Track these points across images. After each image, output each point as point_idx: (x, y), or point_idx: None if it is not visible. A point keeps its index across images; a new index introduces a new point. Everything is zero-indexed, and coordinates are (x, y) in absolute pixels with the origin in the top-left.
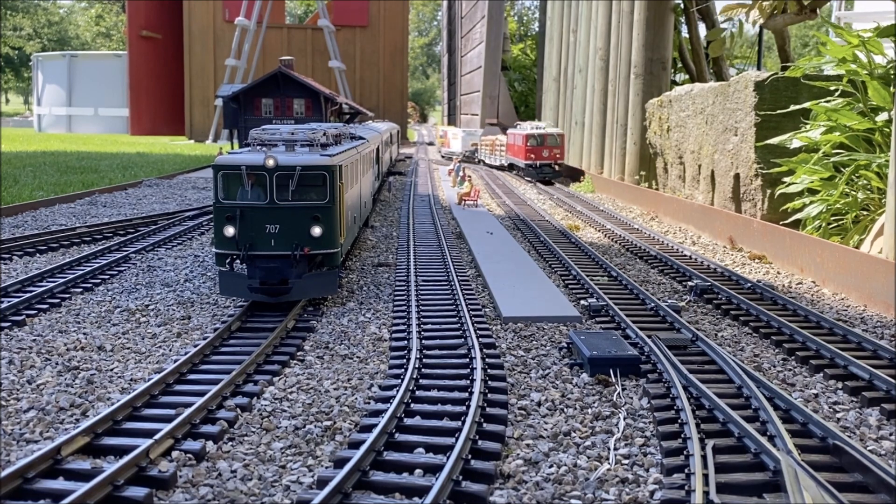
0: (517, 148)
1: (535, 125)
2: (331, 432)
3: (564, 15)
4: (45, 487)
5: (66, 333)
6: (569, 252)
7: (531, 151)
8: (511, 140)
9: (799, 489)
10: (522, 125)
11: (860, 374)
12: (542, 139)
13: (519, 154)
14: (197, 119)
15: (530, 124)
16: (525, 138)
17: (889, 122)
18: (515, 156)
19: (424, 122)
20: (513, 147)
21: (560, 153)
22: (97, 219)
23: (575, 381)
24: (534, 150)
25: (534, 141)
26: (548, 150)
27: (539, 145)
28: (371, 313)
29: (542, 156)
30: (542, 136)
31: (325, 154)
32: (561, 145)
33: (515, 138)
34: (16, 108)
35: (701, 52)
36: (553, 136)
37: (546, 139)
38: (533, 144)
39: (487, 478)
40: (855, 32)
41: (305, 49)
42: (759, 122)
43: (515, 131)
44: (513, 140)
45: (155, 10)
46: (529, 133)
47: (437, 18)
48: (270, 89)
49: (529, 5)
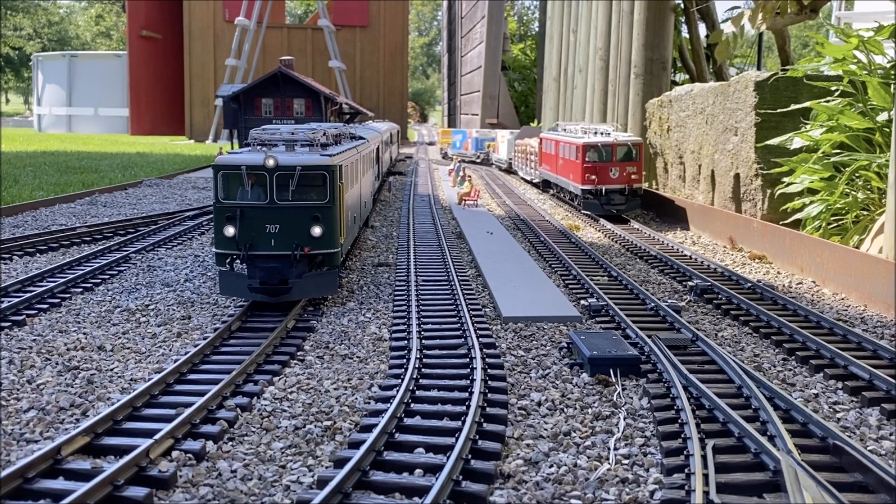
0: (566, 163)
1: (594, 128)
2: (331, 432)
3: (564, 15)
4: (45, 487)
5: (66, 333)
6: (569, 252)
7: (592, 170)
8: (548, 148)
9: (799, 489)
10: (569, 127)
11: (860, 374)
12: (609, 152)
13: (569, 172)
14: (197, 119)
15: (584, 126)
16: (581, 150)
17: (889, 121)
18: (561, 174)
19: (424, 122)
20: (552, 159)
21: (637, 172)
22: (97, 219)
23: (575, 381)
24: (596, 169)
25: (596, 154)
26: (618, 169)
27: (604, 161)
28: (371, 313)
29: (608, 177)
30: (609, 146)
31: (325, 154)
32: (639, 161)
33: (562, 148)
34: (16, 108)
35: (701, 52)
36: (627, 148)
37: (616, 151)
38: (595, 159)
39: (487, 478)
40: (854, 32)
41: (305, 49)
42: (759, 122)
43: (558, 136)
44: (552, 149)
45: (155, 10)
46: (589, 142)
47: (437, 18)
48: (270, 89)
49: (529, 5)
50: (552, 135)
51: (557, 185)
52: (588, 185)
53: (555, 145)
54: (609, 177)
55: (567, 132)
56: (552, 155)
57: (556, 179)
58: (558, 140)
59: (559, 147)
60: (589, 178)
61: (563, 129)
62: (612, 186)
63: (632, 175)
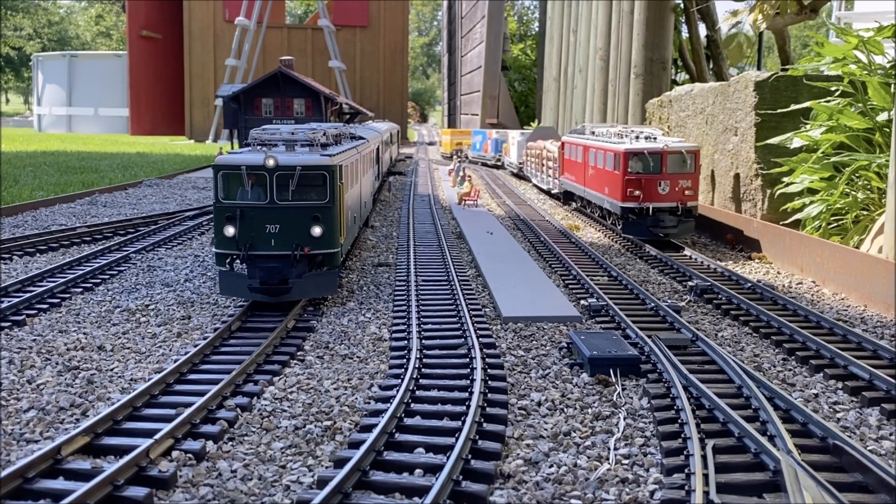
0: (600, 174)
1: (635, 130)
2: (331, 432)
3: (564, 15)
4: (45, 487)
5: (66, 333)
6: (569, 252)
7: (636, 184)
8: (572, 154)
9: (799, 489)
10: (598, 130)
11: (860, 374)
12: (657, 161)
13: (603, 185)
14: (197, 119)
15: (621, 128)
16: (622, 159)
17: (889, 121)
18: (592, 186)
19: (424, 122)
20: (578, 168)
21: (692, 187)
22: (97, 219)
23: (575, 381)
24: (642, 182)
25: (642, 164)
26: (669, 183)
27: (652, 172)
28: (371, 313)
29: (657, 193)
30: (657, 154)
31: (325, 154)
32: (695, 173)
33: (593, 155)
34: (16, 108)
35: (701, 52)
36: (680, 156)
37: (666, 161)
38: (640, 170)
39: (487, 478)
40: (854, 32)
41: (305, 49)
42: (759, 122)
43: (587, 141)
44: (579, 155)
45: (155, 10)
46: (633, 149)
47: (437, 18)
48: (270, 89)
49: (529, 5)
50: (578, 138)
51: (585, 199)
52: (631, 202)
53: (582, 151)
54: (657, 192)
55: (599, 136)
56: (578, 163)
57: (584, 193)
58: (587, 145)
59: (589, 154)
60: (632, 194)
61: (593, 132)
62: (661, 204)
63: (685, 191)
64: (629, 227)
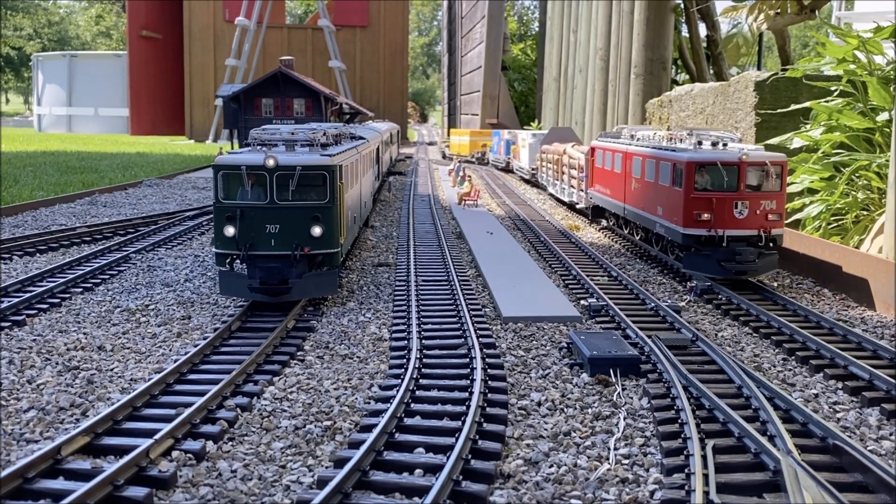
0: (650, 190)
1: (699, 132)
2: (331, 432)
3: (564, 15)
4: (45, 487)
5: (66, 333)
6: (569, 252)
7: (706, 204)
8: (606, 162)
9: (799, 489)
10: (640, 133)
11: (860, 375)
12: (734, 175)
13: (656, 204)
14: (197, 119)
15: (677, 132)
16: (686, 171)
17: (889, 121)
18: (638, 204)
19: (424, 122)
20: (615, 179)
21: (778, 209)
22: (97, 219)
23: (575, 381)
24: (713, 203)
25: (712, 178)
26: (748, 204)
27: (726, 189)
28: (371, 313)
29: (732, 217)
30: (733, 166)
31: (325, 154)
32: (781, 190)
33: (638, 165)
34: (16, 108)
35: (701, 52)
36: (763, 169)
37: (745, 174)
38: (710, 186)
39: (487, 478)
40: (854, 33)
41: (305, 49)
42: (759, 122)
43: (627, 146)
44: (617, 164)
45: (155, 10)
46: (701, 158)
47: (437, 18)
48: (270, 89)
49: (529, 5)
50: (614, 144)
51: (625, 218)
52: (697, 227)
53: (622, 160)
54: (733, 216)
55: (644, 140)
56: (615, 174)
57: (627, 211)
58: (631, 152)
59: (632, 163)
60: (699, 218)
61: (633, 136)
62: (737, 232)
63: (769, 214)
64: (693, 260)
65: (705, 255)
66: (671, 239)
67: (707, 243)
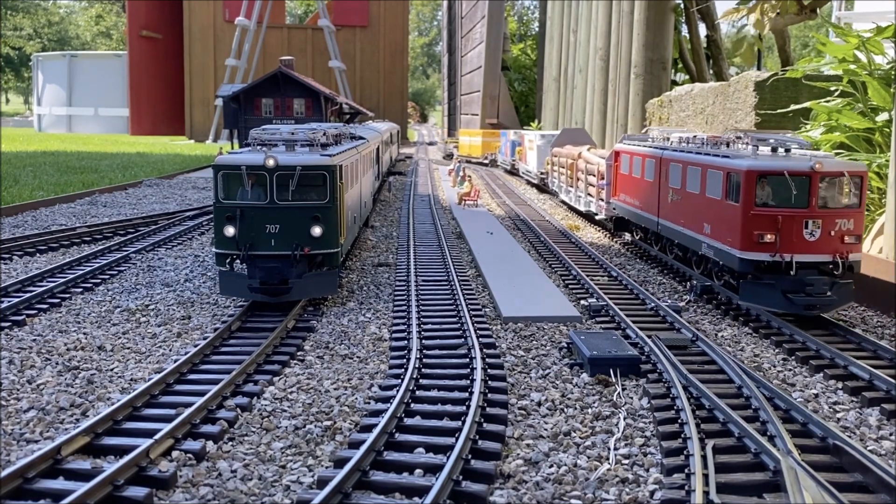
0: (695, 203)
1: (756, 136)
2: (331, 432)
3: (564, 15)
4: (45, 487)
5: (66, 333)
6: (569, 252)
7: (769, 223)
8: (634, 169)
9: (799, 489)
10: (676, 135)
11: (860, 375)
12: (804, 187)
13: (702, 220)
14: (197, 119)
15: (737, 132)
16: (745, 182)
17: (889, 122)
18: (678, 220)
19: (424, 122)
20: (645, 189)
21: (856, 230)
22: (97, 219)
23: (575, 381)
24: (778, 221)
25: (778, 191)
26: (821, 223)
27: (794, 205)
28: (371, 313)
29: (802, 238)
30: (804, 177)
31: (325, 154)
32: (859, 207)
33: (677, 173)
34: (16, 108)
35: (701, 52)
36: (840, 183)
37: (816, 187)
38: (775, 202)
39: (487, 478)
40: (855, 33)
41: (305, 49)
42: (759, 122)
43: (663, 151)
44: (648, 171)
45: (155, 10)
46: (764, 168)
47: (437, 18)
48: (270, 89)
49: (529, 5)
50: (645, 148)
51: (662, 235)
52: (759, 251)
53: (655, 166)
54: (803, 238)
55: (683, 143)
56: (646, 183)
57: (661, 227)
58: (668, 158)
59: (668, 170)
60: (760, 240)
61: (666, 138)
62: (808, 257)
63: (845, 235)
64: (751, 290)
65: (767, 286)
66: (723, 263)
67: (769, 270)
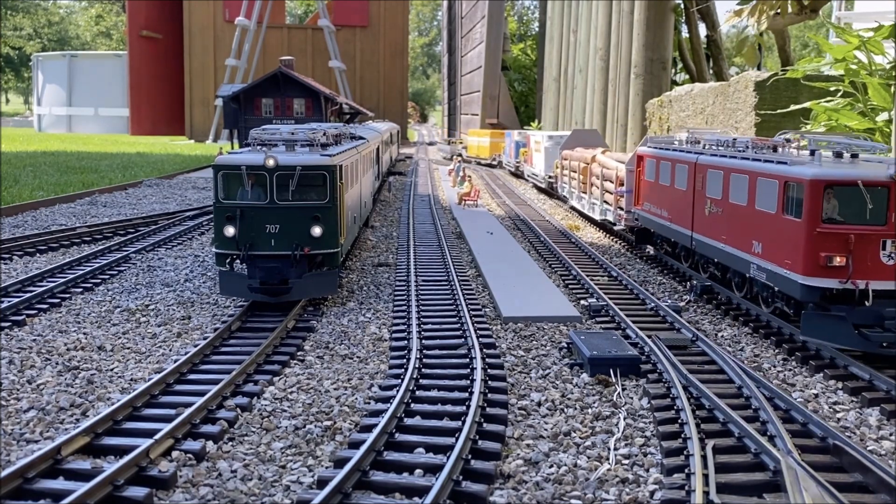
0: (744, 217)
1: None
2: (331, 432)
3: (564, 15)
4: (45, 487)
5: (66, 333)
6: (569, 252)
7: (840, 244)
8: (661, 175)
9: (799, 489)
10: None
11: (860, 375)
12: (882, 201)
13: (749, 237)
14: (197, 119)
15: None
16: (811, 194)
17: (889, 122)
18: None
19: (424, 122)
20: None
21: None
22: (97, 219)
23: (575, 381)
24: (849, 241)
25: (849, 205)
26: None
27: (870, 221)
28: (371, 313)
29: (878, 263)
30: (881, 188)
31: (325, 154)
32: None
33: (716, 181)
34: (16, 108)
35: (701, 52)
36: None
37: None
38: (844, 217)
39: (487, 478)
40: (855, 33)
41: (305, 49)
42: (759, 122)
43: (703, 157)
44: (679, 179)
45: (155, 10)
46: (833, 177)
47: (437, 18)
48: (270, 89)
49: (529, 5)
50: (673, 152)
51: (697, 252)
52: (826, 277)
53: (688, 172)
54: (880, 261)
55: (720, 147)
56: (678, 192)
57: (696, 243)
58: (701, 163)
59: (705, 178)
60: (829, 263)
61: (697, 140)
62: (886, 285)
63: None
64: (817, 323)
65: (836, 318)
66: (778, 289)
67: (838, 300)
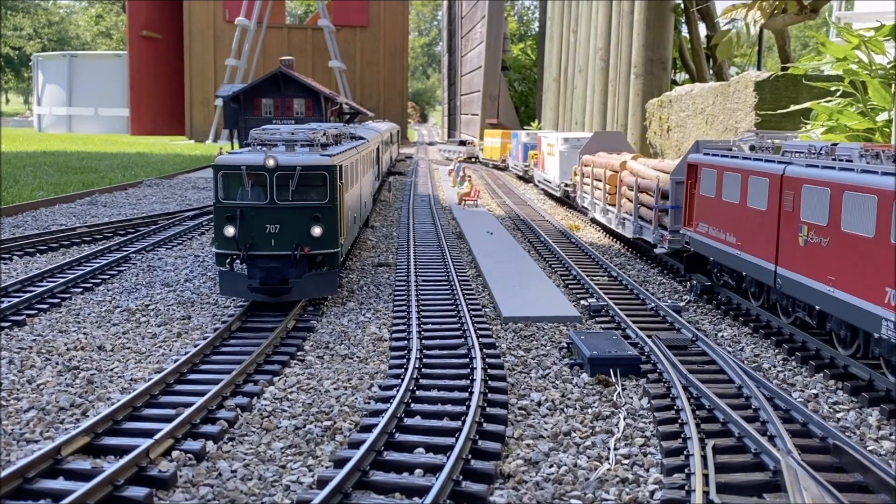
0: (866, 252)
1: None
2: (331, 432)
3: (564, 15)
4: (45, 487)
5: (67, 333)
6: (569, 252)
7: None
8: (726, 191)
9: (799, 489)
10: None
11: (860, 375)
12: None
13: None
14: (197, 119)
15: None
16: None
17: (889, 122)
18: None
19: (424, 123)
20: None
21: None
22: (97, 219)
23: (575, 381)
24: None
25: None
26: None
27: None
28: (371, 313)
29: None
30: None
31: (325, 154)
32: None
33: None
34: (16, 108)
35: (701, 52)
36: None
37: None
38: None
39: (487, 478)
40: (855, 32)
41: (305, 49)
42: (759, 122)
43: (790, 167)
44: (759, 198)
45: (155, 10)
46: None
47: (437, 18)
48: (270, 89)
49: (529, 5)
50: (741, 161)
51: (784, 291)
52: None
53: (769, 188)
54: None
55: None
56: (752, 212)
57: (783, 282)
58: (789, 175)
59: (796, 196)
60: None
61: (777, 147)
62: None
63: None
64: None
65: None
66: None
67: None
